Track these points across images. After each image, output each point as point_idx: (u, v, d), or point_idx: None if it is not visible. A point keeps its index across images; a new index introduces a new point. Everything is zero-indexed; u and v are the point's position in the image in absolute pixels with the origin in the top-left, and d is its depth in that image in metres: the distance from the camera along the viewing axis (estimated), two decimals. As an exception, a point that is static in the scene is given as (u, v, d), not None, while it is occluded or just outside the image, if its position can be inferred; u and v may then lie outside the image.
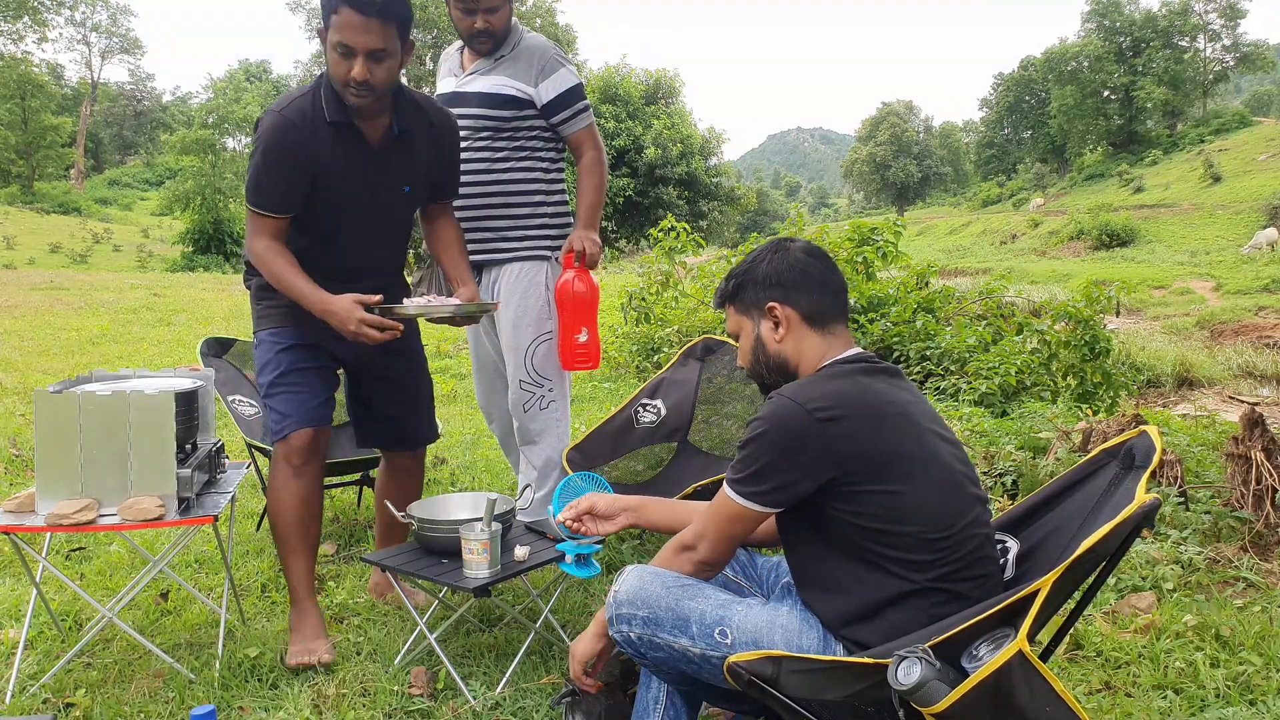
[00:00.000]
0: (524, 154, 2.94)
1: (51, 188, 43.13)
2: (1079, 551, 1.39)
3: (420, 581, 2.64)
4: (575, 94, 2.93)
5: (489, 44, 2.88)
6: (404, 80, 2.56)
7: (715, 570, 1.78)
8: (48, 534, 2.63)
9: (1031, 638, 1.39)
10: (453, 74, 3.02)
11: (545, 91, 2.87)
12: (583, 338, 2.88)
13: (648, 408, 3.41)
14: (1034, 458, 4.13)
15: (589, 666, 1.85)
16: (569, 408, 3.10)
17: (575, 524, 1.98)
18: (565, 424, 3.07)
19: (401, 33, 2.38)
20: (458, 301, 2.54)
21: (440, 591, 2.67)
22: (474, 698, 2.30)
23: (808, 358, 1.76)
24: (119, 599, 2.81)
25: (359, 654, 2.61)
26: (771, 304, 1.78)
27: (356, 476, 3.86)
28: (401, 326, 2.47)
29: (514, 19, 2.93)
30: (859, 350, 1.77)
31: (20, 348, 9.34)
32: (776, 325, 1.78)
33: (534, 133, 2.94)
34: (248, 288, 2.73)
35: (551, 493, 2.83)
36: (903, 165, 73.06)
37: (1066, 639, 2.33)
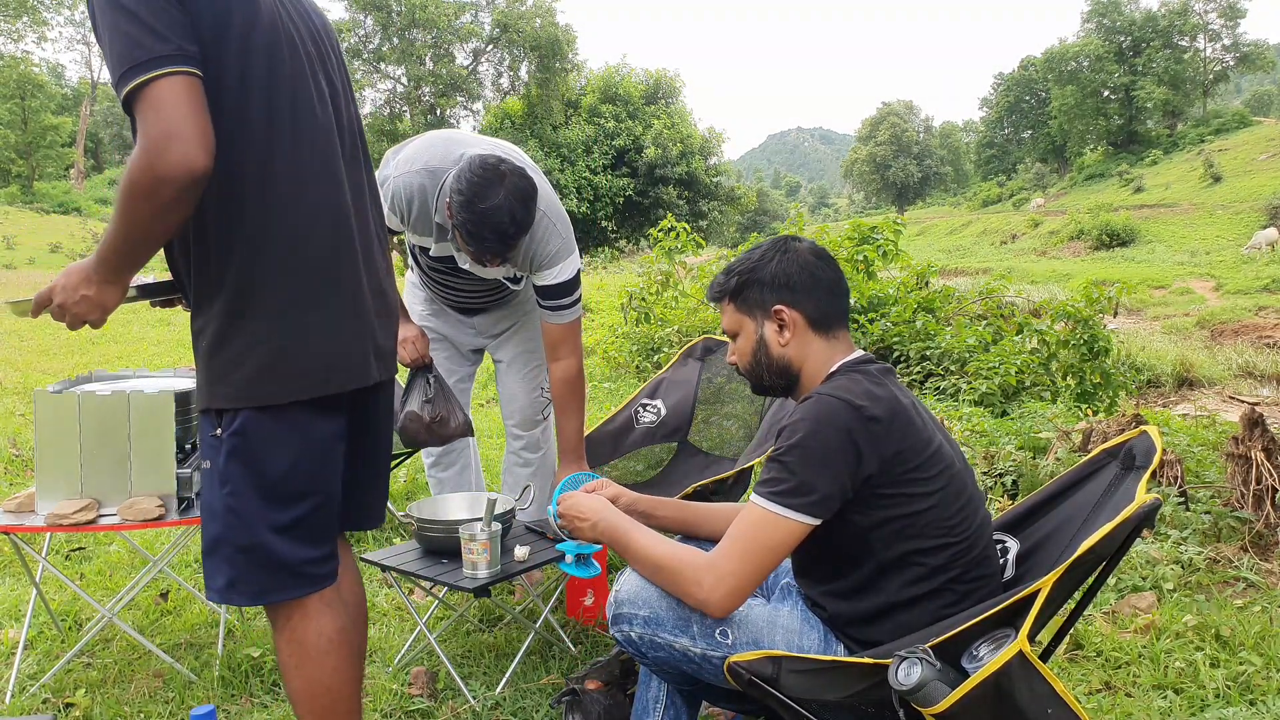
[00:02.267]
0: None
1: (51, 187, 43.13)
2: (1079, 552, 1.39)
3: (420, 581, 2.64)
4: (569, 287, 2.63)
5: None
6: (401, 80, 2.25)
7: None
8: (48, 534, 2.62)
9: (1032, 638, 1.38)
10: (455, 246, 2.60)
11: (538, 279, 2.64)
12: (588, 600, 2.80)
13: (648, 408, 3.40)
14: (1034, 458, 4.13)
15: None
16: None
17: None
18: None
19: None
20: None
21: (440, 591, 2.67)
22: (474, 698, 2.30)
23: (811, 362, 1.74)
24: (119, 599, 2.81)
25: (359, 654, 2.60)
26: (778, 307, 1.73)
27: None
28: None
29: None
30: (864, 353, 1.77)
31: (20, 348, 9.34)
32: (781, 328, 1.73)
33: None
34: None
35: (552, 493, 2.83)
36: (903, 165, 73.15)
37: (1066, 639, 2.33)
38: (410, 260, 2.90)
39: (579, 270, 2.66)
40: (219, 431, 1.59)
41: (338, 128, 1.68)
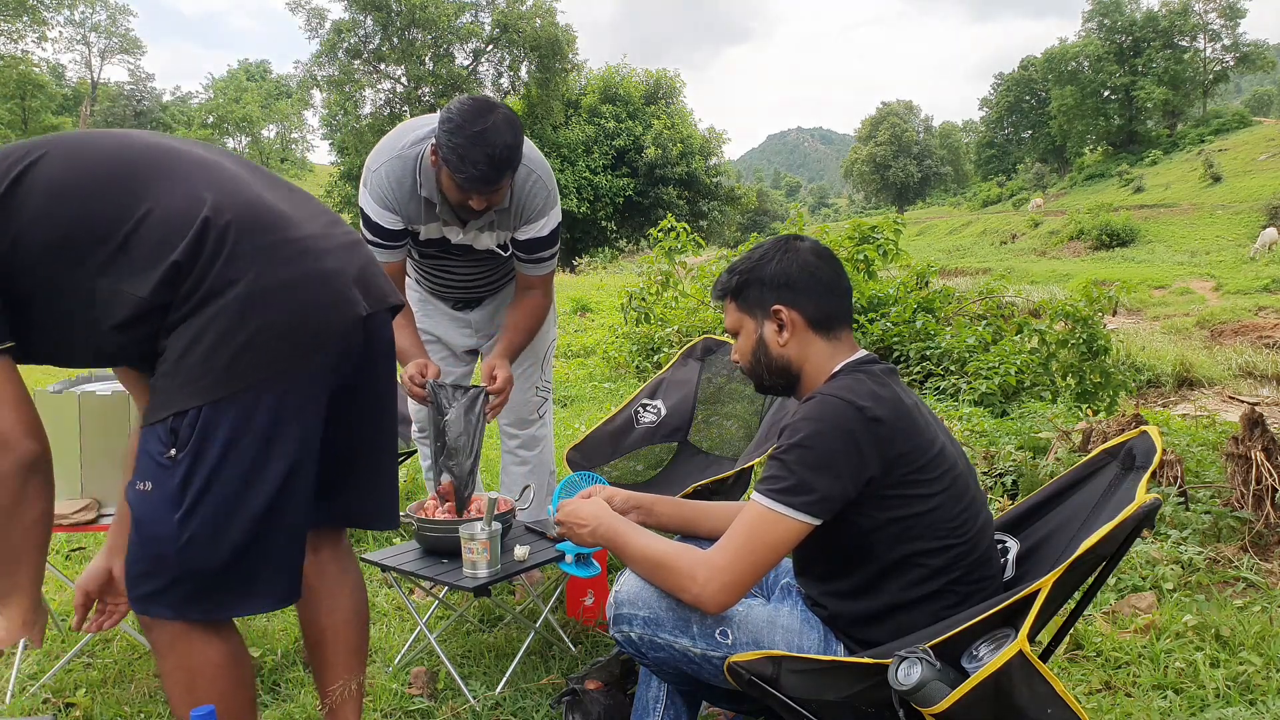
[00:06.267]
0: None
1: (51, 188, 43.08)
2: (1079, 551, 1.39)
3: (420, 581, 2.64)
4: (548, 241, 2.64)
5: (481, 215, 2.48)
6: (401, 80, 2.24)
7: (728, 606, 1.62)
8: (48, 534, 2.62)
9: (1032, 638, 1.39)
10: (431, 217, 2.56)
11: (520, 234, 2.62)
12: (588, 600, 2.80)
13: (648, 408, 3.41)
14: (1034, 458, 4.13)
15: None
16: None
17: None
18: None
19: None
20: None
21: (440, 591, 2.67)
22: (474, 698, 2.30)
23: (812, 362, 1.73)
24: (119, 599, 2.81)
25: (359, 654, 2.60)
26: (777, 307, 1.72)
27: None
28: None
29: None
30: (867, 353, 1.76)
31: (20, 348, 9.32)
32: (780, 328, 1.73)
33: None
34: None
35: (551, 492, 2.83)
36: (903, 165, 73.15)
37: (1066, 639, 2.33)
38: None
39: (558, 226, 2.66)
40: (173, 452, 1.44)
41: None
